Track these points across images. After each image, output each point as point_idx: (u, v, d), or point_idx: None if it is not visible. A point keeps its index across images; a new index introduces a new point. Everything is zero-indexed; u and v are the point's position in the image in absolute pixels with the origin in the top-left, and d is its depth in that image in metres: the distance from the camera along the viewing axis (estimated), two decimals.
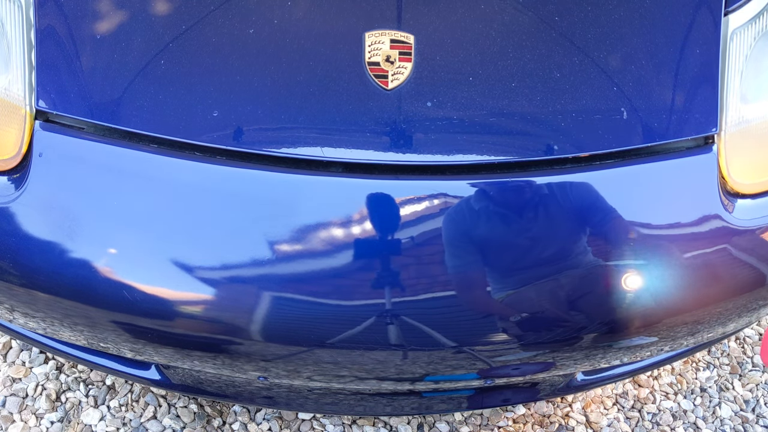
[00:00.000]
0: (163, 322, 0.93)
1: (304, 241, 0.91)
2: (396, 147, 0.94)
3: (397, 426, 1.50)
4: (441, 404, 1.26)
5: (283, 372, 1.00)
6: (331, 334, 0.92)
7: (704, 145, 1.02)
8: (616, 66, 1.00)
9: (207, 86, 0.94)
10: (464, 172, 0.96)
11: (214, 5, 0.96)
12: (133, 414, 1.48)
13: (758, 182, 1.05)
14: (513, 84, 0.97)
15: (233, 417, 1.48)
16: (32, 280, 0.94)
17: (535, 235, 0.95)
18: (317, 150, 0.94)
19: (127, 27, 0.96)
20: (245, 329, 0.92)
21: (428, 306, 0.91)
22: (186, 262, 0.90)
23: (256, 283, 0.91)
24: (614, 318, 0.97)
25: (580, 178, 0.96)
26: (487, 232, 0.93)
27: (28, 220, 0.93)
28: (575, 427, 1.56)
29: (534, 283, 0.94)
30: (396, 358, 0.96)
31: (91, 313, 0.95)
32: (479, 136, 0.96)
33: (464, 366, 0.99)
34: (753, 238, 1.02)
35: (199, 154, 0.94)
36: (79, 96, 0.94)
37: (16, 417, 1.45)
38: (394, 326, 0.92)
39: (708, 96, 1.02)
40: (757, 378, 1.71)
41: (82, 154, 0.94)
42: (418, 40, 0.97)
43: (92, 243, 0.91)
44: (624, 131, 0.98)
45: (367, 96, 0.95)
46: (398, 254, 0.91)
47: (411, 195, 0.93)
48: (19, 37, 0.96)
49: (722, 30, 1.03)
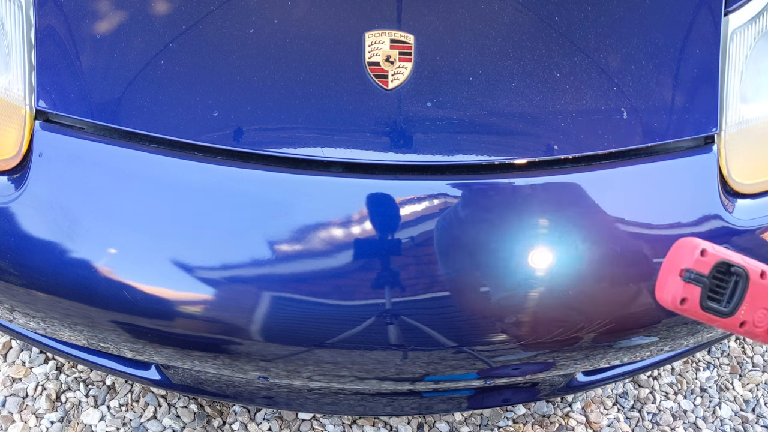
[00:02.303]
0: (163, 322, 0.93)
1: (304, 241, 0.91)
2: (396, 147, 0.94)
3: (397, 426, 1.50)
4: (441, 404, 1.26)
5: (283, 372, 1.00)
6: (331, 334, 0.92)
7: (704, 145, 1.02)
8: (616, 66, 1.00)
9: (207, 86, 0.94)
10: (464, 172, 0.96)
11: (214, 5, 0.96)
12: (133, 414, 1.48)
13: (758, 182, 1.05)
14: (513, 84, 0.97)
15: (233, 417, 1.48)
16: (32, 280, 0.94)
17: (535, 235, 0.94)
18: (317, 150, 0.94)
19: (127, 27, 0.96)
20: (245, 329, 0.92)
21: (428, 306, 0.91)
22: (186, 262, 0.90)
23: (256, 283, 0.91)
24: (614, 318, 0.97)
25: (580, 178, 0.97)
26: (486, 232, 0.93)
27: (28, 220, 0.93)
28: (575, 427, 1.56)
29: (534, 283, 0.94)
30: (396, 358, 0.96)
31: (91, 313, 0.95)
32: (479, 136, 0.96)
33: (464, 366, 0.99)
34: (753, 238, 1.02)
35: (199, 154, 0.94)
36: (79, 96, 0.94)
37: (16, 417, 1.45)
38: (394, 326, 0.92)
39: (708, 96, 1.02)
40: (757, 378, 1.71)
41: (82, 154, 0.94)
42: (418, 40, 0.97)
43: (92, 243, 0.91)
44: (624, 131, 0.98)
45: (367, 96, 0.95)
46: (398, 254, 0.91)
47: (411, 195, 0.93)
48: (19, 37, 0.96)
49: (722, 30, 1.03)
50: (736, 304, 0.70)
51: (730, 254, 0.71)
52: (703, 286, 0.70)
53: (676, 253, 0.71)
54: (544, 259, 0.94)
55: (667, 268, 0.72)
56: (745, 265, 0.71)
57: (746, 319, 0.71)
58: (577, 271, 0.95)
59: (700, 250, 0.69)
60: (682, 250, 0.71)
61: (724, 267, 0.70)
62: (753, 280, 0.70)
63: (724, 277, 0.71)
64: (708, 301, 0.70)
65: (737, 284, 0.70)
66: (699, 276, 0.69)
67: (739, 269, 0.70)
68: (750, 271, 0.70)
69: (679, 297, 0.70)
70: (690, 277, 0.69)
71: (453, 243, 0.92)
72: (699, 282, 0.70)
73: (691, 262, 0.69)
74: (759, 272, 0.71)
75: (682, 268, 0.70)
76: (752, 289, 0.70)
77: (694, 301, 0.70)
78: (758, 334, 0.72)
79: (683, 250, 0.70)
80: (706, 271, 0.70)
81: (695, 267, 0.69)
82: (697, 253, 0.69)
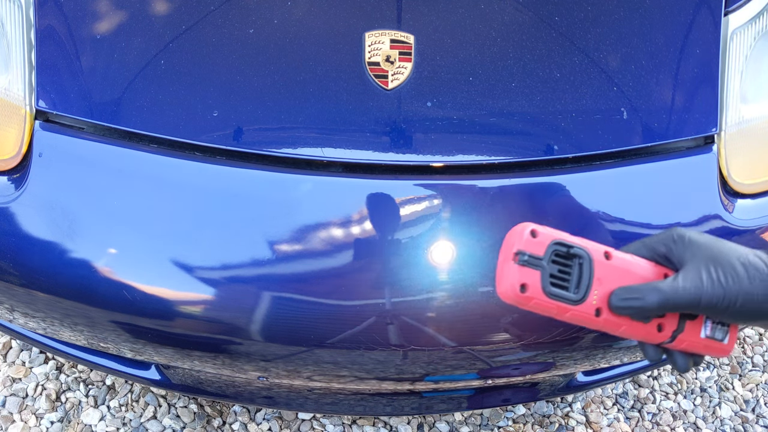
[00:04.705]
0: (163, 322, 0.93)
1: (304, 241, 0.91)
2: (396, 147, 0.94)
3: (397, 426, 1.50)
4: (441, 404, 1.26)
5: (283, 372, 1.00)
6: (331, 335, 0.92)
7: (704, 145, 1.02)
8: (616, 66, 1.00)
9: (207, 86, 0.94)
10: (464, 172, 0.96)
11: (214, 5, 0.96)
12: (133, 414, 1.48)
13: (758, 182, 1.05)
14: (513, 84, 0.97)
15: (233, 417, 1.48)
16: (32, 280, 0.94)
17: None
18: (317, 150, 0.94)
19: (127, 27, 0.96)
20: (245, 329, 0.92)
21: (428, 306, 0.91)
22: (186, 262, 0.90)
23: (256, 283, 0.91)
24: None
25: (580, 178, 0.97)
26: (486, 232, 0.93)
27: (28, 220, 0.93)
28: (575, 427, 1.56)
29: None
30: (396, 358, 0.96)
31: (91, 313, 0.95)
32: (479, 136, 0.96)
33: (464, 366, 0.99)
34: (753, 238, 1.02)
35: (199, 154, 0.94)
36: (79, 96, 0.94)
37: (16, 417, 1.45)
38: (394, 326, 0.92)
39: (708, 96, 1.02)
40: (757, 378, 1.71)
41: (82, 154, 0.94)
42: (418, 40, 0.97)
43: (92, 243, 0.91)
44: (624, 131, 0.98)
45: (367, 96, 0.95)
46: (398, 254, 0.91)
47: (411, 195, 0.93)
48: (19, 37, 0.96)
49: (722, 30, 1.03)
50: (585, 290, 0.63)
51: (567, 235, 0.64)
52: (542, 270, 0.62)
53: (508, 241, 0.64)
54: None
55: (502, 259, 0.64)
56: (585, 245, 0.64)
57: (600, 306, 0.64)
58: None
59: (530, 230, 0.63)
60: (512, 235, 0.64)
61: (564, 251, 0.64)
62: (598, 261, 0.64)
63: (566, 262, 0.64)
64: (552, 287, 0.63)
65: (582, 268, 0.63)
66: (534, 258, 0.62)
67: (579, 250, 0.64)
68: (592, 252, 0.64)
69: (518, 283, 0.62)
70: (524, 260, 0.62)
71: (452, 243, 0.92)
72: (536, 265, 0.62)
73: (522, 244, 0.62)
74: (602, 252, 0.64)
75: (514, 251, 0.63)
76: (599, 271, 0.64)
77: (536, 287, 0.62)
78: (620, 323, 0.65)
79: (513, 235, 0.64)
80: (541, 252, 0.63)
81: (527, 248, 0.62)
82: (527, 234, 0.62)
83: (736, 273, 0.61)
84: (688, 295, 0.61)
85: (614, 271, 0.65)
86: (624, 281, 0.65)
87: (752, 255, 0.62)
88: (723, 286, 0.61)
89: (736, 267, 0.61)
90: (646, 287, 0.63)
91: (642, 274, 0.66)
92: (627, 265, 0.66)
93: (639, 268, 0.66)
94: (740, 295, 0.60)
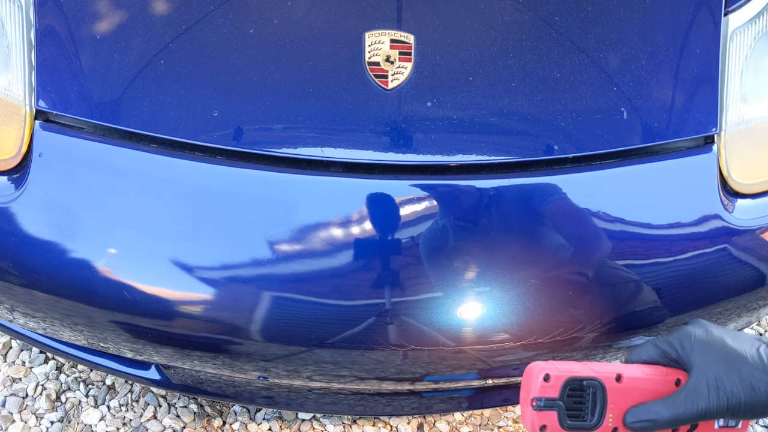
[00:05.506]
0: (163, 322, 0.93)
1: (304, 241, 0.91)
2: (396, 147, 0.94)
3: (397, 426, 1.50)
4: (441, 404, 1.26)
5: (283, 372, 1.00)
6: (331, 334, 0.93)
7: (704, 145, 1.02)
8: (616, 66, 1.00)
9: (207, 86, 0.94)
10: (464, 172, 0.96)
11: (214, 5, 0.96)
12: (133, 414, 1.48)
13: (758, 182, 1.05)
14: (513, 84, 0.97)
15: (233, 417, 1.48)
16: (32, 280, 0.94)
17: (535, 235, 0.95)
18: (317, 150, 0.94)
19: (127, 27, 0.96)
20: (245, 329, 0.92)
21: (428, 306, 0.91)
22: (186, 262, 0.90)
23: (256, 283, 0.91)
24: (614, 318, 0.97)
25: (580, 178, 0.97)
26: (486, 232, 0.93)
27: (28, 220, 0.93)
28: None
29: (534, 283, 0.94)
30: (396, 358, 0.96)
31: (91, 313, 0.95)
32: (479, 136, 0.96)
33: (464, 366, 0.99)
34: (753, 238, 1.02)
35: (199, 154, 0.94)
36: (79, 96, 0.94)
37: (16, 417, 1.45)
38: (394, 326, 0.92)
39: (708, 96, 1.02)
40: None
41: (82, 154, 0.94)
42: (418, 40, 0.97)
43: (92, 243, 0.91)
44: (624, 131, 0.98)
45: (367, 96, 0.95)
46: (398, 254, 0.91)
47: (411, 195, 0.93)
48: (19, 37, 0.96)
49: (722, 30, 1.03)
50: (600, 415, 0.68)
51: (578, 369, 0.68)
52: (558, 410, 0.67)
53: (525, 382, 0.69)
54: (544, 259, 0.94)
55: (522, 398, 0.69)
56: (596, 375, 0.68)
57: (617, 425, 0.68)
58: (576, 271, 0.95)
59: (543, 375, 0.67)
60: (528, 378, 0.68)
61: (577, 383, 0.68)
62: (609, 387, 0.68)
63: (580, 393, 0.68)
64: (569, 420, 0.68)
65: (595, 395, 0.68)
66: (550, 401, 0.67)
67: (591, 381, 0.68)
68: (604, 380, 0.68)
69: (537, 426, 0.67)
70: (541, 405, 0.67)
71: (452, 242, 0.92)
72: (552, 407, 0.67)
73: (537, 391, 0.67)
74: (614, 377, 0.68)
75: (531, 398, 0.67)
76: (612, 395, 0.68)
77: (554, 426, 0.67)
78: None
79: (529, 379, 0.68)
80: (556, 394, 0.67)
81: (542, 394, 0.67)
82: (541, 380, 0.67)
83: (741, 381, 0.63)
84: (697, 410, 0.65)
85: (626, 392, 0.69)
86: (637, 399, 0.69)
87: (756, 354, 0.64)
88: (728, 397, 0.63)
89: (742, 373, 0.63)
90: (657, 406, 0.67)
91: (654, 388, 0.69)
92: (638, 384, 0.69)
93: (650, 383, 0.69)
94: (744, 404, 0.63)
